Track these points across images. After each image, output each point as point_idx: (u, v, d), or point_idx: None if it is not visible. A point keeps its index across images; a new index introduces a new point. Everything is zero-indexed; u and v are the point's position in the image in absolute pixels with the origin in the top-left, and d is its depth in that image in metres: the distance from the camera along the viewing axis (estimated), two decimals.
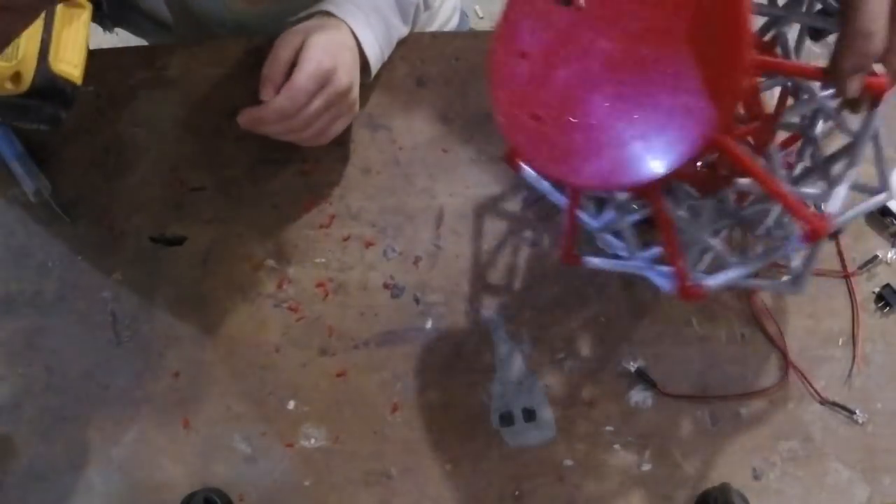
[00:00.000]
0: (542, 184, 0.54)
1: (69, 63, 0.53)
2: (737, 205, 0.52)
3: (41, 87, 0.50)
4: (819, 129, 0.49)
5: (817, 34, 0.45)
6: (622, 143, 0.39)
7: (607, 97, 0.40)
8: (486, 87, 0.65)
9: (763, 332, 0.60)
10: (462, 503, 0.58)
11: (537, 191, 0.54)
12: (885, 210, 0.61)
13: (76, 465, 0.59)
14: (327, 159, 0.65)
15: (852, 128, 0.44)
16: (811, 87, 0.45)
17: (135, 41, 0.84)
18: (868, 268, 0.61)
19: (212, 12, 0.70)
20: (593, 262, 0.51)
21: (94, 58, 0.55)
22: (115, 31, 0.79)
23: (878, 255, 0.61)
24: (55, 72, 0.51)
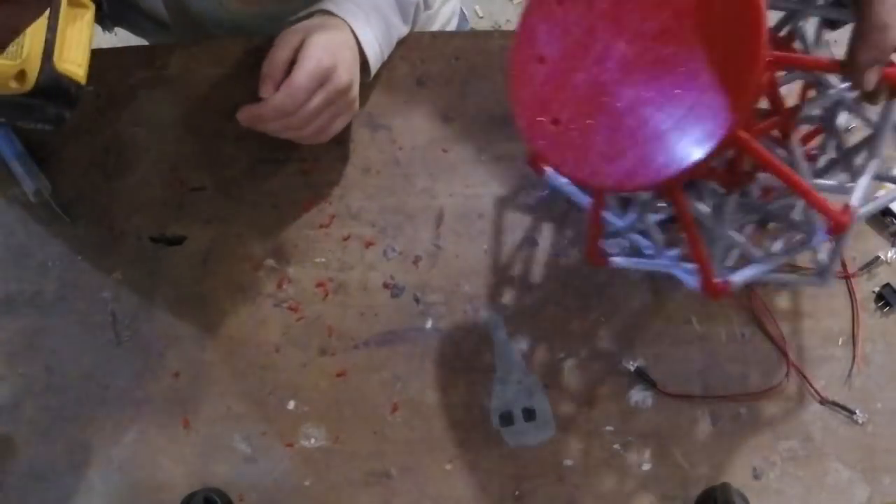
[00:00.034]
0: (567, 186, 0.54)
1: (73, 62, 0.52)
2: (761, 200, 0.52)
3: (46, 86, 0.50)
4: (841, 121, 0.49)
5: (833, 24, 0.45)
6: (642, 143, 0.40)
7: (626, 99, 0.41)
8: (488, 87, 0.66)
9: (763, 331, 0.60)
10: (462, 503, 0.58)
11: (560, 193, 0.55)
12: (885, 210, 0.61)
13: (76, 465, 0.59)
14: (327, 159, 0.65)
15: (872, 119, 0.44)
16: (830, 80, 0.45)
17: (135, 41, 0.84)
18: (868, 268, 0.61)
19: (208, 12, 0.70)
20: (619, 262, 0.52)
21: (94, 57, 0.55)
22: (115, 30, 0.79)
23: (880, 256, 0.61)
24: (60, 71, 0.51)
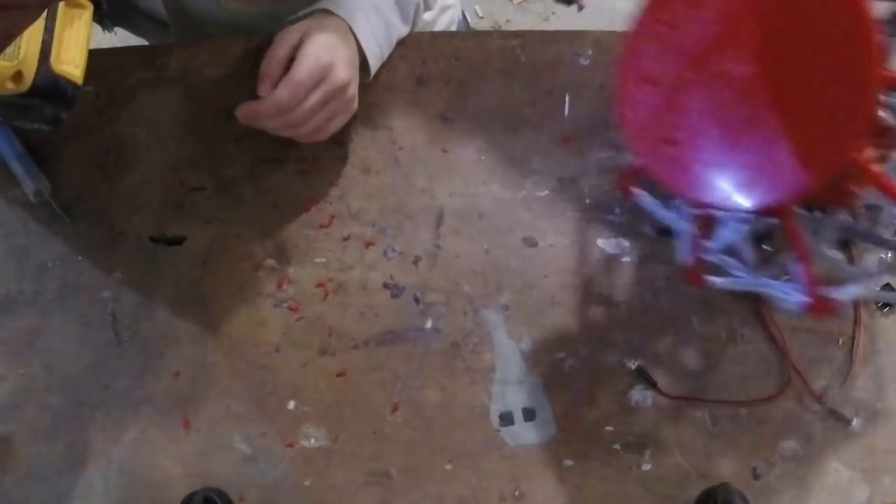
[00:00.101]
0: (656, 208, 0.54)
1: (71, 63, 0.53)
2: (854, 216, 0.52)
3: (42, 86, 0.51)
4: None
5: None
6: (759, 163, 0.40)
7: (742, 120, 0.41)
8: (488, 87, 0.66)
9: (769, 334, 0.60)
10: (462, 503, 0.58)
11: (653, 215, 0.55)
12: None
13: (76, 465, 0.59)
14: (327, 159, 0.65)
15: None
16: None
17: (134, 41, 0.84)
18: None
19: (207, 11, 0.70)
20: (717, 282, 0.52)
21: (94, 57, 0.55)
22: (115, 30, 0.79)
23: (882, 256, 0.61)
24: (57, 72, 0.51)
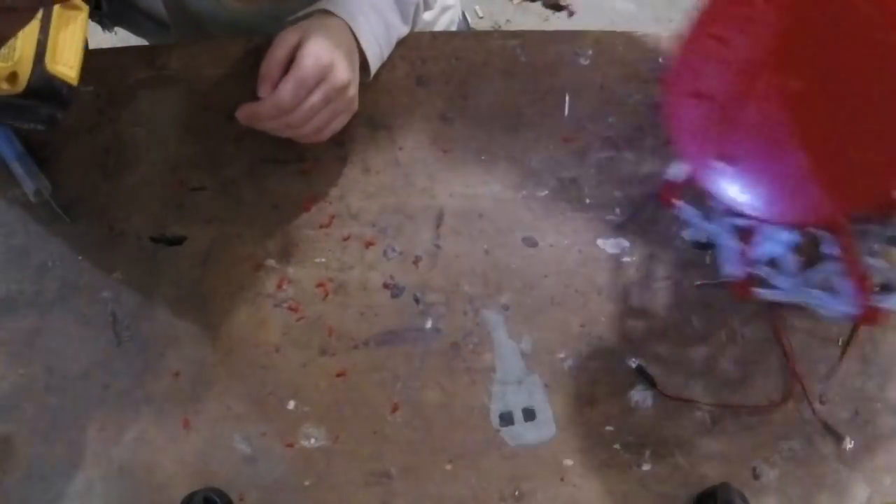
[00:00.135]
0: (699, 220, 0.55)
1: (66, 64, 0.53)
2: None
3: (37, 87, 0.51)
4: None
5: None
6: (818, 178, 0.39)
7: (798, 136, 0.40)
8: (488, 87, 0.66)
9: (777, 340, 0.60)
10: (462, 503, 0.58)
11: (690, 227, 0.56)
12: None
13: (76, 465, 0.59)
14: (327, 159, 0.65)
15: None
16: None
17: (134, 41, 0.84)
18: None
19: (207, 11, 0.70)
20: (766, 294, 0.52)
21: (94, 58, 0.55)
22: (115, 30, 0.79)
23: None
24: (52, 73, 0.52)
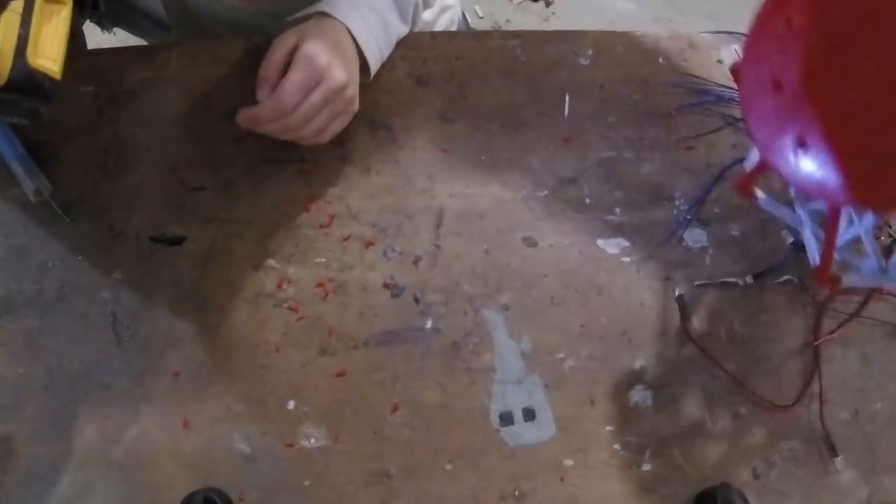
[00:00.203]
0: (778, 210, 0.55)
1: (48, 58, 0.53)
2: None
3: (18, 81, 0.51)
4: None
5: None
6: (882, 166, 0.39)
7: (874, 120, 0.39)
8: (488, 87, 0.66)
9: (811, 344, 0.60)
10: (462, 503, 0.58)
11: (771, 215, 0.56)
12: None
13: (76, 465, 0.59)
14: (327, 159, 0.65)
15: None
16: None
17: (133, 41, 0.84)
18: None
19: (206, 9, 0.70)
20: (853, 281, 0.52)
21: (94, 58, 0.55)
22: (114, 31, 0.79)
23: None
24: (33, 67, 0.51)
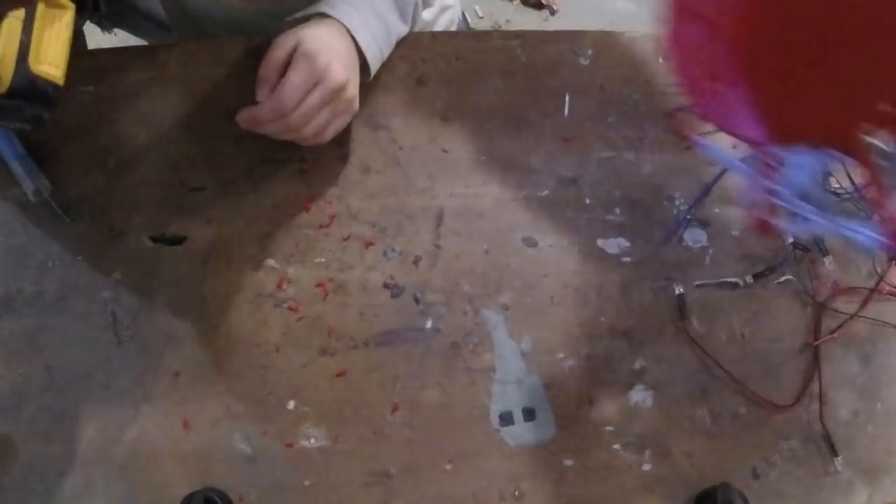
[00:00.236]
0: (726, 157, 0.54)
1: (51, 64, 0.52)
2: None
3: (21, 87, 0.50)
4: None
5: None
6: (828, 94, 0.40)
7: (800, 49, 0.40)
8: (488, 87, 0.66)
9: (812, 344, 0.60)
10: (462, 503, 0.58)
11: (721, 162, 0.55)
12: None
13: (76, 465, 0.59)
14: (327, 159, 0.65)
15: None
16: None
17: (134, 41, 0.84)
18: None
19: (205, 9, 0.70)
20: (790, 228, 0.50)
21: (94, 58, 0.55)
22: (114, 32, 0.79)
23: None
24: (35, 73, 0.51)
